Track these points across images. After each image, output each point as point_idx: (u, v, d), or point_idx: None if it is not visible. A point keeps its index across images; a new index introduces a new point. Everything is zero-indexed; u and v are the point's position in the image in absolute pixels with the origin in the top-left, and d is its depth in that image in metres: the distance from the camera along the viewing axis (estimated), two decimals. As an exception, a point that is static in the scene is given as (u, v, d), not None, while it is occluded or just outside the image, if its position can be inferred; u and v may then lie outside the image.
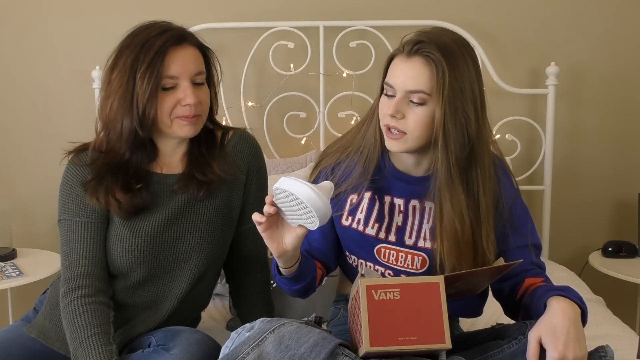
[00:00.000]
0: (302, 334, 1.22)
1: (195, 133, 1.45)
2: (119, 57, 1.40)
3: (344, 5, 2.49)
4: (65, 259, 1.44)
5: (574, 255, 2.61)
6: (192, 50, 1.43)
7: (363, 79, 2.44)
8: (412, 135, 1.31)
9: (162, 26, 1.42)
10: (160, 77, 1.37)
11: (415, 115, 1.30)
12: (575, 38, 2.53)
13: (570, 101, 2.56)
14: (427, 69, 1.28)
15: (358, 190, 1.43)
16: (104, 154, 1.44)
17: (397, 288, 1.20)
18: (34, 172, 2.55)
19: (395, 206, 1.42)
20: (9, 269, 2.19)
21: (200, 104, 1.42)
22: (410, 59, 1.30)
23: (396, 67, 1.32)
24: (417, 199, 1.41)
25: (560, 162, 2.55)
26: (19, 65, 2.51)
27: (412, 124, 1.30)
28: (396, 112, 1.30)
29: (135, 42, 1.39)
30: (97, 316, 1.37)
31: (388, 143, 1.35)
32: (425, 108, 1.29)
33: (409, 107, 1.30)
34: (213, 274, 1.58)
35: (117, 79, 1.39)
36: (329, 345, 1.20)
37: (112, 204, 1.41)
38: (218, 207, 1.51)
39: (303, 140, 2.52)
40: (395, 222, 1.42)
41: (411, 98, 1.30)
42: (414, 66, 1.29)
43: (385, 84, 1.34)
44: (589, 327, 1.77)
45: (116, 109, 1.39)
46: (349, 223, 1.45)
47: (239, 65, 2.45)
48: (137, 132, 1.39)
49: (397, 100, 1.30)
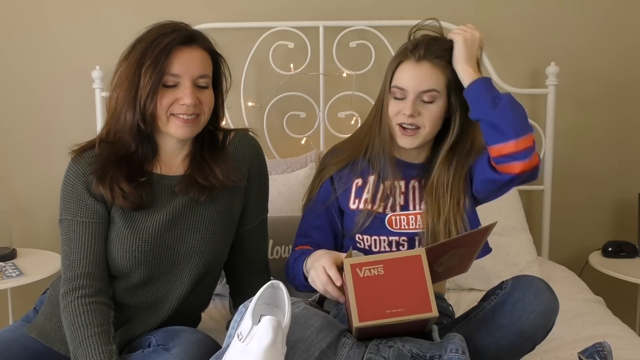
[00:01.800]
0: (308, 317, 1.25)
1: (190, 135, 1.45)
2: (130, 50, 1.43)
3: (344, 5, 2.48)
4: (66, 259, 1.44)
5: (574, 255, 2.60)
6: (200, 53, 1.43)
7: (363, 79, 2.44)
8: (426, 129, 1.55)
9: (175, 26, 1.43)
10: (163, 74, 1.38)
11: (429, 112, 1.54)
12: (575, 38, 2.53)
13: (570, 101, 2.56)
14: (437, 70, 1.52)
15: (363, 175, 1.63)
16: (111, 144, 1.45)
17: (381, 264, 1.25)
18: (34, 172, 2.55)
19: (396, 188, 1.61)
20: (9, 269, 2.19)
21: (199, 104, 1.42)
22: (419, 63, 1.52)
23: (406, 72, 1.53)
24: (416, 179, 1.63)
25: (560, 162, 2.55)
26: (19, 65, 2.51)
27: (427, 119, 1.54)
28: (414, 111, 1.52)
29: (147, 37, 1.41)
30: (97, 316, 1.37)
31: (402, 140, 1.56)
32: (436, 104, 1.54)
33: (421, 104, 1.53)
34: (213, 275, 1.58)
35: (124, 71, 1.41)
36: (334, 330, 1.25)
37: (117, 194, 1.42)
38: (219, 208, 1.51)
39: (303, 140, 2.52)
40: (397, 202, 1.61)
41: (423, 97, 1.53)
42: (424, 69, 1.52)
43: (395, 88, 1.54)
44: (589, 327, 1.78)
45: (121, 100, 1.41)
46: (356, 206, 1.61)
47: (239, 65, 2.44)
48: (140, 127, 1.41)
49: (412, 101, 1.52)
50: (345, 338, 1.26)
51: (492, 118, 1.44)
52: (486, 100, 1.45)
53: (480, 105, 1.46)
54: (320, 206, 1.65)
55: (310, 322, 1.25)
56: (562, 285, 2.12)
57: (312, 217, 1.66)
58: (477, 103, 1.47)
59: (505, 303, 1.35)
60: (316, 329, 1.24)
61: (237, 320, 1.27)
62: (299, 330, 1.22)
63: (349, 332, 1.28)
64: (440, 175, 1.58)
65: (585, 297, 2.04)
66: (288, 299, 1.18)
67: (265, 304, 1.21)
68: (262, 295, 1.21)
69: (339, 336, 1.26)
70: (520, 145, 1.42)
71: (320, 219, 1.65)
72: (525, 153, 1.43)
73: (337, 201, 1.65)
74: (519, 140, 1.42)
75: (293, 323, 1.21)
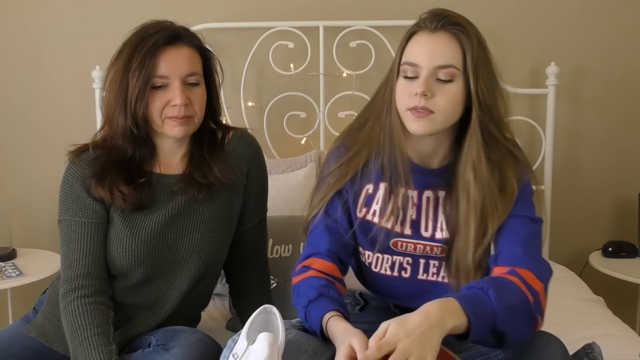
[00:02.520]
0: (301, 343, 1.22)
1: (186, 134, 1.45)
2: (119, 54, 1.42)
3: (344, 5, 2.48)
4: (65, 259, 1.44)
5: (574, 255, 2.60)
6: (186, 51, 1.42)
7: (363, 79, 2.44)
8: (442, 114, 1.25)
9: (159, 25, 1.42)
10: (150, 76, 1.37)
11: (445, 93, 1.24)
12: (576, 38, 2.53)
13: (570, 101, 2.56)
14: (455, 43, 1.24)
15: (374, 180, 1.38)
16: (107, 150, 1.45)
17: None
18: (34, 172, 2.55)
19: (408, 198, 1.37)
20: (9, 269, 2.19)
21: (190, 104, 1.42)
22: (435, 33, 1.24)
23: (419, 44, 1.26)
24: (431, 189, 1.37)
25: (560, 162, 2.55)
26: (19, 65, 2.51)
27: (443, 102, 1.24)
28: (427, 90, 1.22)
29: (132, 40, 1.40)
30: (96, 316, 1.37)
31: (413, 125, 1.26)
32: (455, 85, 1.24)
33: (436, 85, 1.24)
34: (213, 274, 1.58)
35: (113, 75, 1.41)
36: (328, 353, 1.20)
37: (117, 197, 1.42)
38: (218, 207, 1.51)
39: (303, 140, 2.52)
40: (409, 215, 1.38)
41: (438, 75, 1.24)
42: (440, 40, 1.24)
43: (406, 64, 1.26)
44: (589, 327, 1.78)
45: (113, 105, 1.41)
46: (362, 214, 1.40)
47: (239, 65, 2.44)
48: (132, 130, 1.40)
49: (425, 78, 1.23)
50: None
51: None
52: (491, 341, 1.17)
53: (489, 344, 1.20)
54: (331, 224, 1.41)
55: (303, 347, 1.21)
56: (562, 285, 2.12)
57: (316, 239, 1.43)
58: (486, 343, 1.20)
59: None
60: (309, 355, 1.19)
61: (231, 346, 1.23)
62: (292, 358, 1.18)
63: None
64: (463, 186, 1.30)
65: (585, 297, 2.04)
66: (282, 323, 1.17)
67: (258, 330, 1.18)
68: (254, 320, 1.19)
69: (333, 358, 1.19)
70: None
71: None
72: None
73: (348, 210, 1.42)
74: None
75: (286, 350, 1.17)
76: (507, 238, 1.29)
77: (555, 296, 1.99)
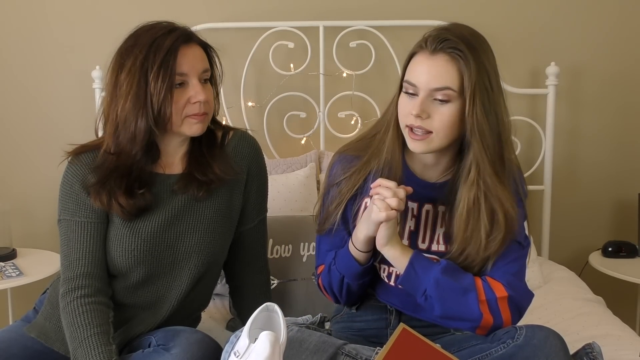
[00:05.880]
0: (303, 340, 1.22)
1: (202, 131, 1.46)
2: (124, 58, 1.40)
3: (344, 5, 2.48)
4: (65, 259, 1.44)
5: (574, 255, 2.60)
6: (199, 49, 1.44)
7: (363, 79, 2.44)
8: (439, 134, 1.28)
9: (167, 26, 1.42)
10: (174, 75, 1.38)
11: (441, 114, 1.27)
12: (575, 38, 2.53)
13: (570, 101, 2.56)
14: (453, 66, 1.26)
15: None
16: (114, 155, 1.43)
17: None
18: (34, 172, 2.55)
19: (408, 210, 1.40)
20: (9, 269, 2.19)
21: (207, 102, 1.44)
22: (434, 56, 1.27)
23: (419, 65, 1.29)
24: (431, 203, 1.40)
25: (560, 162, 2.55)
26: (19, 65, 2.51)
27: (439, 123, 1.27)
28: (422, 112, 1.26)
29: (141, 42, 1.39)
30: (96, 316, 1.37)
31: (411, 144, 1.31)
32: (451, 106, 1.27)
33: (433, 105, 1.27)
34: (213, 274, 1.58)
35: (126, 80, 1.38)
36: (331, 348, 1.21)
37: (115, 208, 1.42)
38: (218, 207, 1.51)
39: (303, 140, 2.52)
40: (407, 226, 1.41)
41: (435, 96, 1.27)
42: (438, 63, 1.26)
43: (406, 82, 1.30)
44: (589, 327, 1.78)
45: (129, 110, 1.38)
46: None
47: (239, 65, 2.44)
48: (152, 132, 1.39)
49: (421, 99, 1.27)
50: (342, 356, 1.22)
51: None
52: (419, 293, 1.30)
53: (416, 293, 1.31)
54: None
55: (305, 344, 1.22)
56: (562, 285, 2.12)
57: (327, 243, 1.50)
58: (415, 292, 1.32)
59: (514, 357, 1.23)
60: (311, 351, 1.21)
61: (233, 342, 1.24)
62: (293, 355, 1.19)
63: (346, 347, 1.24)
64: (462, 201, 1.32)
65: (585, 297, 2.04)
66: (283, 321, 1.18)
67: (260, 328, 1.19)
68: (256, 318, 1.20)
69: (336, 354, 1.22)
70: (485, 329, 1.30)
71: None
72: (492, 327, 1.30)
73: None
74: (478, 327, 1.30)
75: (287, 347, 1.19)
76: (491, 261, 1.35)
77: (555, 296, 2.01)
